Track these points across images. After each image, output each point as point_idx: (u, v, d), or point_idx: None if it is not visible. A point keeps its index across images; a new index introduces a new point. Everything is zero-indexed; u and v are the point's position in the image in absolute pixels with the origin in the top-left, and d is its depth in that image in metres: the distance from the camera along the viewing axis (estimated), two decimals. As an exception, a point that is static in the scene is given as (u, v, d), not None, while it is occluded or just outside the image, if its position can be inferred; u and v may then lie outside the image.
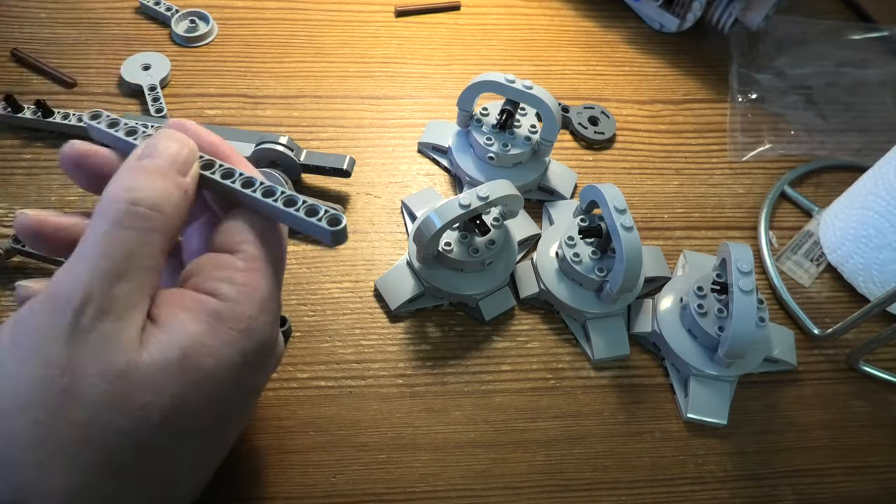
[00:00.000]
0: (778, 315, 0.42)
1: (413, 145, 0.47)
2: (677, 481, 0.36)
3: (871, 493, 0.37)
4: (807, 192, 0.49)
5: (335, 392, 0.36)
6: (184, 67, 0.49)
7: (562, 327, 0.40)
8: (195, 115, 0.46)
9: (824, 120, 0.53)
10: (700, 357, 0.37)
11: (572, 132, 0.49)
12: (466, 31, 0.55)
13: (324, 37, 0.52)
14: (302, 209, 0.25)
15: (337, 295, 0.40)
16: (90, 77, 0.47)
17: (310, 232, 0.25)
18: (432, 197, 0.43)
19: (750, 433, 0.38)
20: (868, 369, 0.40)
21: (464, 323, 0.40)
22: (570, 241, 0.39)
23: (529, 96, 0.40)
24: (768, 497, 0.36)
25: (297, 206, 0.25)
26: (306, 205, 0.25)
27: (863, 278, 0.43)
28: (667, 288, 0.40)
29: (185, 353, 0.22)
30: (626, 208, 0.36)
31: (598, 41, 0.56)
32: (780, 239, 0.46)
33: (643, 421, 0.37)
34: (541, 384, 0.38)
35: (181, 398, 0.22)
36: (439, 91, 0.50)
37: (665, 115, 0.52)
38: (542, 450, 0.36)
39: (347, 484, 0.34)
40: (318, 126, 0.47)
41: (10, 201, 0.40)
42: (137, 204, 0.23)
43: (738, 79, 0.54)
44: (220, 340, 0.23)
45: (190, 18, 0.51)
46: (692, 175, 0.48)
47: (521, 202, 0.37)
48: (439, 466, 0.35)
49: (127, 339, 0.21)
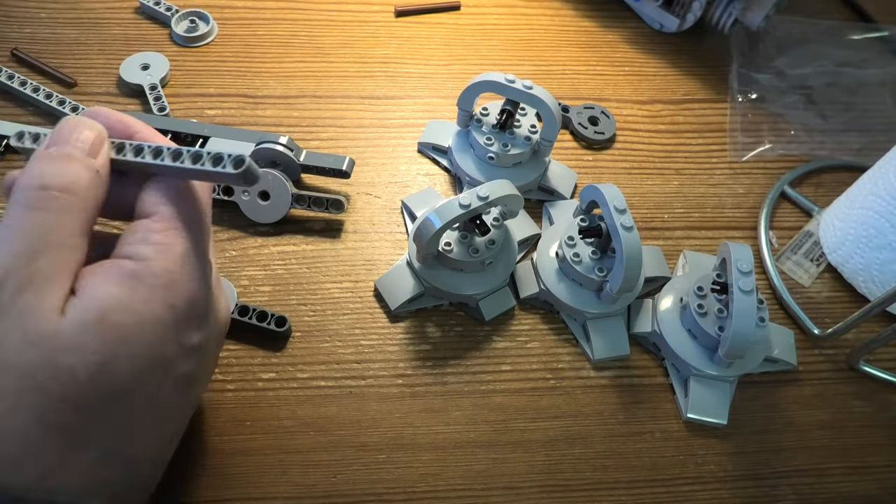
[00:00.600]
0: (778, 315, 0.42)
1: (413, 145, 0.47)
2: (677, 481, 0.36)
3: (871, 492, 0.37)
4: (807, 192, 0.49)
5: (335, 392, 0.36)
6: (184, 67, 0.49)
7: (562, 327, 0.40)
8: (195, 115, 0.46)
9: (824, 120, 0.53)
10: (700, 357, 0.37)
11: (572, 132, 0.49)
12: (466, 31, 0.55)
13: (324, 37, 0.52)
14: (207, 161, 0.25)
15: (337, 295, 0.40)
16: (90, 77, 0.47)
17: (222, 181, 0.25)
18: (432, 197, 0.43)
19: (750, 433, 0.38)
20: (868, 369, 0.40)
21: (464, 323, 0.40)
22: (570, 241, 0.39)
23: (529, 96, 0.40)
24: (768, 497, 0.36)
25: (202, 161, 0.25)
26: (211, 156, 0.25)
27: (863, 278, 0.43)
28: (667, 288, 0.40)
29: (102, 313, 0.23)
30: (626, 208, 0.36)
31: (598, 41, 0.56)
32: (780, 239, 0.46)
33: (643, 421, 0.37)
34: (541, 384, 0.38)
35: (106, 355, 0.23)
36: (439, 91, 0.50)
37: (665, 115, 0.52)
38: (542, 450, 0.36)
39: (347, 484, 0.34)
40: (318, 126, 0.47)
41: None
42: (47, 188, 0.24)
43: (738, 79, 0.54)
44: (140, 297, 0.24)
45: (190, 18, 0.51)
46: (692, 175, 0.48)
47: (521, 202, 0.37)
48: (439, 466, 0.35)
49: (47, 308, 0.22)
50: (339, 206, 0.41)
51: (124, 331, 0.23)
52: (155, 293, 0.24)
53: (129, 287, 0.24)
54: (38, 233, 0.23)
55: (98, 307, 0.23)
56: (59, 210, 0.24)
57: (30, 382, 0.22)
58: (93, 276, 0.24)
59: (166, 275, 0.24)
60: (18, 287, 0.22)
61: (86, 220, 0.24)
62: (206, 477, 0.33)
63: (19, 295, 0.22)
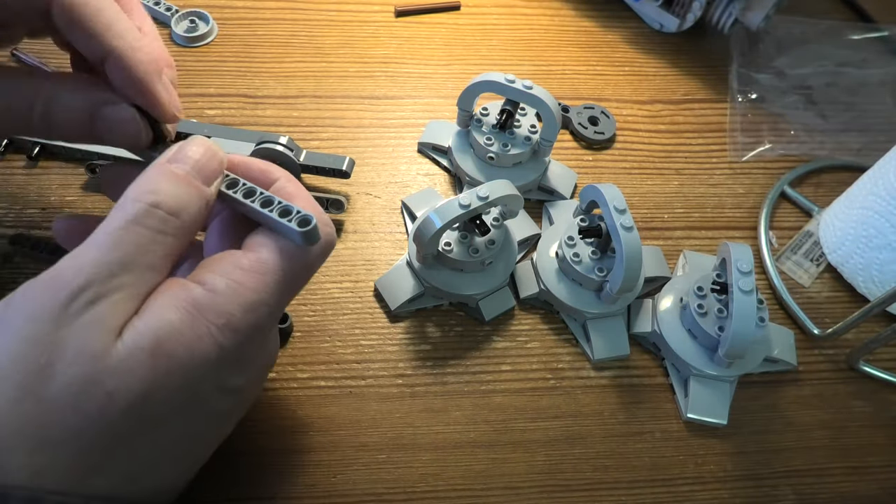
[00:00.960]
0: (778, 315, 0.42)
1: (413, 145, 0.47)
2: (677, 481, 0.36)
3: (871, 493, 0.37)
4: (807, 192, 0.49)
5: (335, 392, 0.36)
6: (184, 67, 0.49)
7: (562, 327, 0.40)
8: (195, 115, 0.46)
9: (824, 120, 0.53)
10: (700, 357, 0.37)
11: (572, 132, 0.49)
12: (466, 31, 0.55)
13: (324, 37, 0.52)
14: (276, 209, 0.25)
15: (337, 295, 0.40)
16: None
17: (284, 232, 0.25)
18: (432, 197, 0.43)
19: (750, 433, 0.38)
20: (868, 369, 0.40)
21: (464, 323, 0.40)
22: (570, 241, 0.39)
23: (529, 96, 0.40)
24: (768, 497, 0.36)
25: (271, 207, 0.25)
26: (280, 205, 0.25)
27: (863, 278, 0.43)
28: (667, 288, 0.40)
29: (158, 341, 0.22)
30: (626, 208, 0.36)
31: (598, 41, 0.56)
32: (780, 239, 0.46)
33: (643, 421, 0.37)
34: (541, 384, 0.38)
35: (149, 385, 0.22)
36: (439, 91, 0.50)
37: (665, 115, 0.52)
38: (542, 450, 0.36)
39: (347, 484, 0.34)
40: (318, 126, 0.47)
41: (9, 201, 0.40)
42: (158, 207, 0.23)
43: (738, 79, 0.54)
44: (196, 331, 0.23)
45: (190, 18, 0.51)
46: (692, 175, 0.48)
47: (521, 202, 0.37)
48: (439, 466, 0.35)
49: (110, 326, 0.22)
50: (339, 206, 0.41)
51: (173, 363, 0.22)
52: (210, 330, 0.23)
53: (189, 316, 0.23)
54: (131, 249, 0.23)
55: (155, 333, 0.22)
56: (161, 232, 0.23)
57: (69, 399, 0.21)
58: (158, 296, 0.23)
59: (227, 317, 0.23)
60: (93, 298, 0.22)
61: (180, 246, 0.24)
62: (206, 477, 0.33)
63: (91, 306, 0.22)
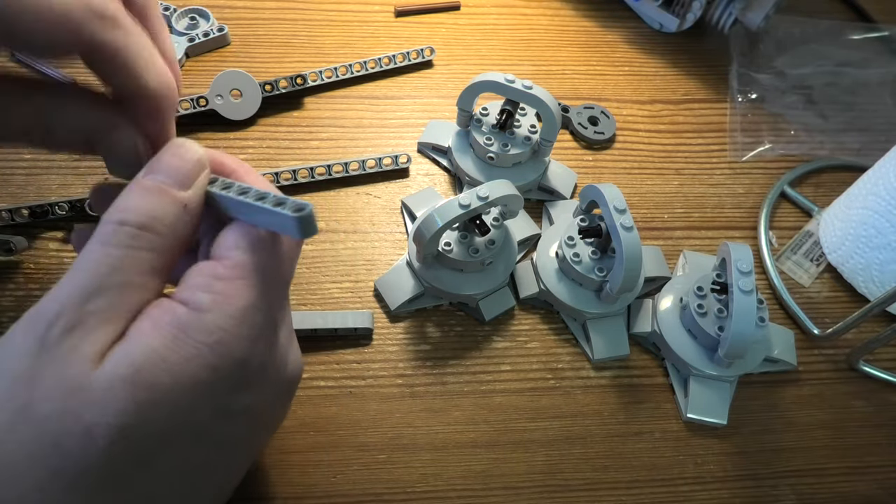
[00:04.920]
0: (778, 315, 0.42)
1: (413, 145, 0.47)
2: (677, 481, 0.36)
3: (871, 492, 0.37)
4: (807, 192, 0.49)
5: (335, 392, 0.36)
6: (184, 67, 0.48)
7: (562, 327, 0.40)
8: (195, 115, 0.46)
9: (824, 120, 0.53)
10: (700, 357, 0.37)
11: (572, 132, 0.49)
12: (466, 31, 0.55)
13: (324, 37, 0.52)
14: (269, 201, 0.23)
15: (337, 295, 0.40)
16: (89, 77, 0.47)
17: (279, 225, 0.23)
18: (432, 197, 0.43)
19: (750, 433, 0.38)
20: (868, 369, 0.40)
21: (464, 323, 0.40)
22: (569, 241, 0.39)
23: (529, 96, 0.40)
24: (768, 497, 0.36)
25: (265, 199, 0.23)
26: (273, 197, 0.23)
27: (863, 278, 0.43)
28: (667, 288, 0.40)
29: (137, 369, 0.20)
30: (626, 208, 0.36)
31: (598, 41, 0.56)
32: (780, 239, 0.46)
33: (643, 421, 0.37)
34: (541, 384, 0.38)
35: (131, 417, 0.20)
36: (439, 91, 0.50)
37: (665, 115, 0.52)
38: (542, 450, 0.36)
39: (347, 484, 0.34)
40: (318, 126, 0.47)
41: (9, 202, 0.40)
42: (125, 224, 0.22)
43: (738, 79, 0.54)
44: (182, 354, 0.21)
45: (190, 16, 0.51)
46: (692, 175, 0.48)
47: (521, 202, 0.37)
48: (439, 466, 0.35)
49: (90, 353, 0.20)
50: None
51: (157, 393, 0.21)
52: (200, 351, 0.21)
53: (173, 341, 0.21)
54: (101, 271, 0.21)
55: (134, 361, 0.21)
56: (134, 248, 0.22)
57: (49, 437, 0.20)
58: (144, 319, 0.22)
59: (218, 332, 0.22)
60: (69, 326, 0.20)
61: (162, 259, 0.23)
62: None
63: (67, 335, 0.20)
